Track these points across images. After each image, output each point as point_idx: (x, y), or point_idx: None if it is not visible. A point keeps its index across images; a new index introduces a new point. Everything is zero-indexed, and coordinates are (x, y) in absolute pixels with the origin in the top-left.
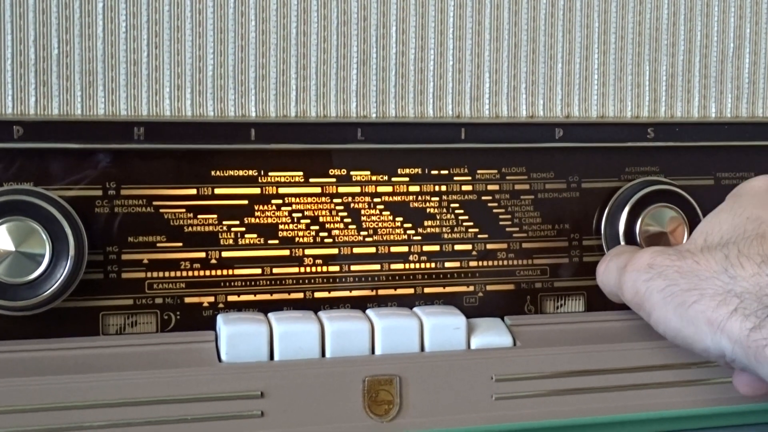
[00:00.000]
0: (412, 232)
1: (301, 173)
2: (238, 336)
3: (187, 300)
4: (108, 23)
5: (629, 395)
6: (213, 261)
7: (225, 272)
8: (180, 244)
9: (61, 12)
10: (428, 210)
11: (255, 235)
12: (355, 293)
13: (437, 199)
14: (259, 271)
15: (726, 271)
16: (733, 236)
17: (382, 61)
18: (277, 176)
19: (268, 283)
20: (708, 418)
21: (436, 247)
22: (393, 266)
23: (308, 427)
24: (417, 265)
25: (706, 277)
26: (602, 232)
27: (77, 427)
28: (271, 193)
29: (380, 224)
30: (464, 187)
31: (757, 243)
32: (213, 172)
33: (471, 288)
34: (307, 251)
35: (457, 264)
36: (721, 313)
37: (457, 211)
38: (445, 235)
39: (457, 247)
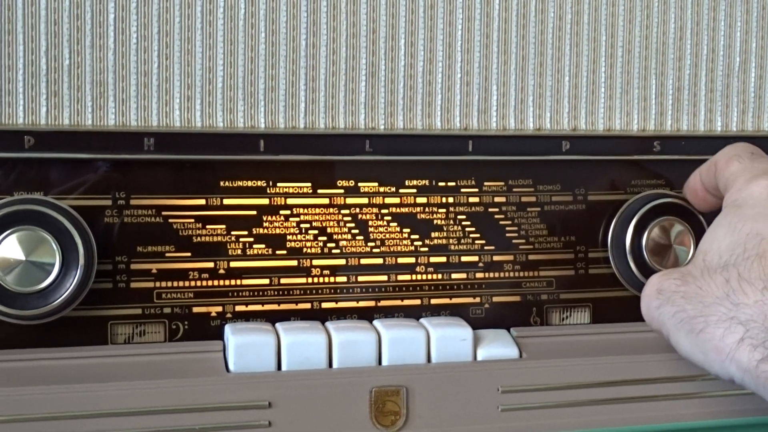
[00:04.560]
0: (419, 243)
1: (309, 184)
2: (245, 346)
3: (195, 310)
4: (119, 34)
5: (635, 407)
6: (221, 271)
7: (233, 282)
8: (188, 254)
9: (72, 23)
10: (435, 221)
11: (263, 246)
12: (362, 304)
13: (444, 210)
14: (266, 281)
15: (728, 297)
16: (733, 256)
17: (390, 73)
18: (286, 187)
19: (275, 293)
20: (714, 431)
21: (443, 259)
22: (400, 277)
23: None
24: (424, 277)
25: (710, 303)
26: (608, 244)
27: None
28: (279, 203)
29: (387, 235)
30: (471, 199)
31: (758, 265)
32: (222, 183)
33: (477, 299)
34: (315, 262)
35: (464, 275)
36: (728, 343)
37: (464, 223)
38: (452, 247)
39: (464, 258)
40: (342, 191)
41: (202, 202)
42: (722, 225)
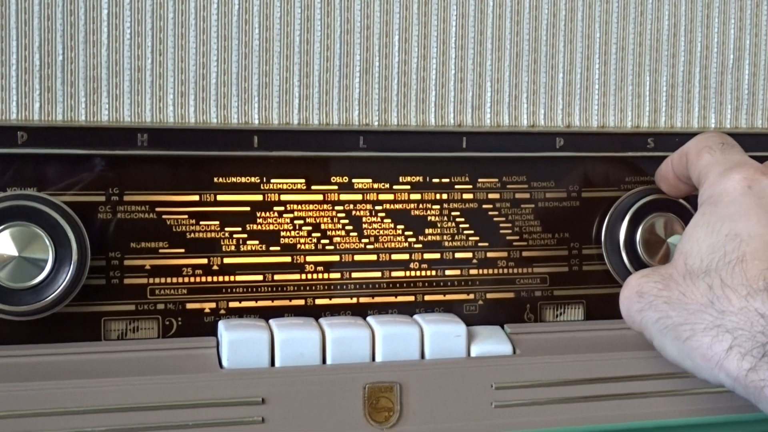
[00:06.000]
0: (413, 239)
1: (303, 180)
2: (239, 342)
3: (189, 306)
4: (112, 30)
5: (628, 404)
6: (215, 267)
7: (227, 278)
8: (182, 250)
9: (66, 18)
10: (429, 218)
11: (257, 242)
12: (355, 300)
13: (438, 207)
14: (260, 277)
15: (713, 304)
16: (714, 260)
17: (384, 69)
18: (280, 183)
19: (269, 289)
20: (707, 427)
21: (437, 255)
22: (394, 273)
23: None
24: (418, 273)
25: (694, 310)
26: (602, 241)
27: None
28: (273, 200)
29: (381, 232)
30: (465, 196)
31: (739, 269)
32: (215, 179)
33: (471, 296)
34: (309, 258)
35: (458, 272)
36: (716, 351)
37: (457, 219)
38: (446, 243)
39: (458, 255)
40: (336, 187)
41: (196, 198)
42: (700, 225)
